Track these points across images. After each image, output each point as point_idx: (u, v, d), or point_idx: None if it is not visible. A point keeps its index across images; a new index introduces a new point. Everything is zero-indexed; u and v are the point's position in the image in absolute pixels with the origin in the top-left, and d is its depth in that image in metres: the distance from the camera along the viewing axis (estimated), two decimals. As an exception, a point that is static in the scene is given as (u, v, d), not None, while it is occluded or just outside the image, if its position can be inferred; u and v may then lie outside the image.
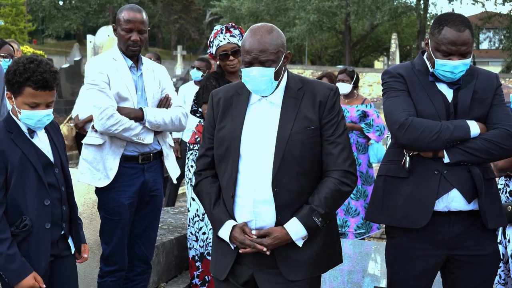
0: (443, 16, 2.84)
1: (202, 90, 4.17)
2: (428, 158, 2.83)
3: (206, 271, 4.35)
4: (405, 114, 2.80)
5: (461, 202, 2.83)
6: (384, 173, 2.97)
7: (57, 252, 2.87)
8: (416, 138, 2.77)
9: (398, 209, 2.88)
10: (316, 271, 2.69)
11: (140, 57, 3.80)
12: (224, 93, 2.78)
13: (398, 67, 2.99)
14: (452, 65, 2.79)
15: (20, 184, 2.73)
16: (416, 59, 3.00)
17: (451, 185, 2.82)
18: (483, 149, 2.78)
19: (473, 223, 2.87)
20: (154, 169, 3.79)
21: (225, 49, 4.17)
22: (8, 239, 2.69)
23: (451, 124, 2.79)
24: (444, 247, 2.87)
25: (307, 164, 2.63)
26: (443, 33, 2.78)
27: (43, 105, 2.75)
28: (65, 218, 2.88)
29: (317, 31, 34.62)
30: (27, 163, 2.74)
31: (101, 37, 17.20)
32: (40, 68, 2.71)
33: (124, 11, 3.69)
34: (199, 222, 4.33)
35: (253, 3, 35.58)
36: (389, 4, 34.81)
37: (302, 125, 2.62)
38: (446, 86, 2.88)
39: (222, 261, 2.73)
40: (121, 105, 3.64)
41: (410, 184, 2.86)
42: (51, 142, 2.88)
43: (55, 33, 42.77)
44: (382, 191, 2.95)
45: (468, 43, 2.78)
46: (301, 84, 2.71)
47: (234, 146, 2.66)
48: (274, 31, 2.63)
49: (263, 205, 2.62)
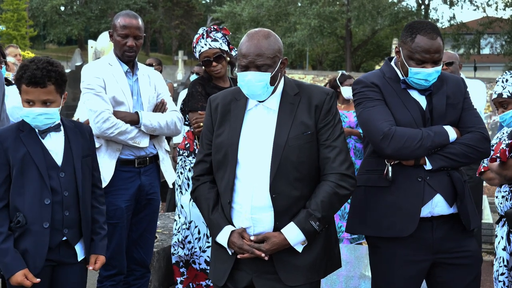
0: (414, 24, 2.86)
1: (188, 97, 4.14)
2: (409, 166, 2.84)
3: (191, 278, 4.30)
4: (387, 124, 2.80)
5: (444, 207, 2.86)
6: (363, 184, 2.94)
7: (58, 257, 2.83)
8: (400, 147, 2.77)
9: (382, 218, 2.87)
10: (315, 276, 2.68)
11: (136, 62, 3.83)
12: (222, 98, 2.78)
13: (370, 76, 2.97)
14: (426, 73, 2.81)
15: (19, 181, 2.74)
16: (384, 67, 2.99)
17: (434, 190, 2.84)
18: (462, 154, 2.82)
19: (453, 226, 2.89)
20: (150, 172, 3.81)
21: (207, 55, 4.14)
22: (3, 234, 2.71)
23: (431, 131, 2.81)
24: (429, 252, 2.87)
25: (304, 169, 2.62)
26: (416, 41, 2.80)
27: (38, 103, 2.75)
28: (68, 224, 2.82)
29: (318, 36, 34.63)
30: (30, 161, 2.75)
31: (102, 43, 17.18)
32: (34, 65, 2.73)
33: (120, 17, 3.72)
34: (185, 230, 4.26)
35: (254, 8, 35.62)
36: (390, 9, 34.87)
37: (299, 130, 2.62)
38: (418, 93, 2.90)
39: (221, 267, 2.72)
40: (116, 109, 3.66)
41: (393, 193, 2.85)
42: (66, 145, 2.86)
43: (56, 39, 42.84)
44: (364, 202, 2.94)
45: (440, 50, 2.81)
46: (298, 89, 2.71)
47: (232, 153, 2.65)
48: (271, 36, 2.63)
49: (261, 211, 2.61)
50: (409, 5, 39.14)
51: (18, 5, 30.43)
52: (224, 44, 4.18)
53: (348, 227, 3.05)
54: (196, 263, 4.26)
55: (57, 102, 2.80)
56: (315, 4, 34.18)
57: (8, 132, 2.80)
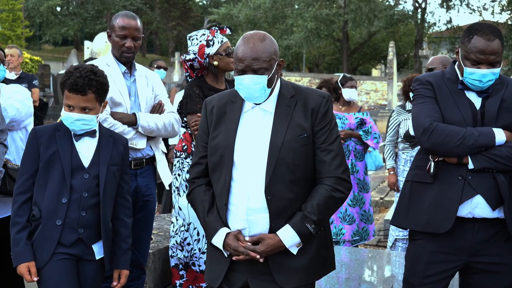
0: (473, 26, 2.89)
1: (186, 99, 4.13)
2: (453, 164, 2.86)
3: (191, 280, 4.27)
4: (430, 119, 2.84)
5: (485, 209, 2.85)
6: (411, 179, 3.02)
7: (78, 253, 2.95)
8: (439, 142, 2.81)
9: (423, 214, 2.92)
10: (310, 278, 2.69)
11: (134, 63, 3.82)
12: (217, 101, 2.78)
13: (427, 75, 3.04)
14: (480, 74, 2.82)
15: (44, 177, 2.91)
16: (448, 68, 3.03)
17: (475, 191, 2.84)
18: (509, 157, 2.81)
19: (498, 232, 2.88)
20: (146, 174, 3.80)
21: (229, 45, 4.17)
22: (20, 224, 2.89)
23: (476, 130, 2.81)
24: (465, 253, 2.89)
25: (300, 172, 2.62)
26: (473, 42, 2.82)
27: (77, 109, 2.89)
28: (84, 224, 2.93)
29: (315, 38, 34.65)
30: (57, 159, 2.91)
31: (98, 43, 17.26)
32: (77, 73, 2.88)
33: (119, 17, 3.71)
34: (184, 232, 4.26)
35: (251, 10, 35.63)
36: (385, 11, 34.92)
37: (295, 133, 2.62)
38: (476, 95, 2.91)
39: (216, 269, 2.72)
40: (114, 110, 3.66)
41: (434, 189, 2.89)
42: (96, 150, 2.99)
43: (52, 39, 42.73)
44: (409, 196, 2.99)
45: (497, 53, 2.81)
46: (294, 91, 2.71)
47: (228, 155, 2.65)
48: (266, 39, 2.62)
49: (256, 213, 2.62)
50: (405, 8, 39.10)
51: (14, 5, 30.33)
52: None
53: (393, 219, 3.11)
54: (195, 265, 4.24)
55: (95, 110, 2.94)
56: (312, 6, 34.21)
57: (46, 129, 2.98)
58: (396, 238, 6.04)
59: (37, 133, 2.96)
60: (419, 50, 32.61)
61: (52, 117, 13.95)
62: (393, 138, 6.12)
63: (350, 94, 6.57)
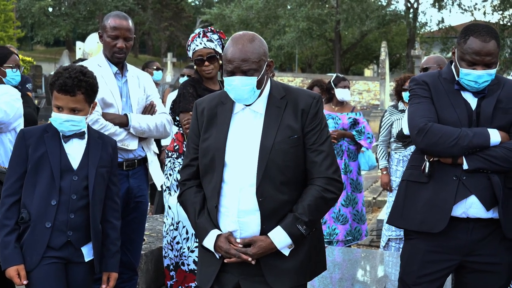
0: (469, 26, 2.89)
1: (179, 98, 4.12)
2: (447, 164, 2.86)
3: (180, 281, 4.26)
4: (425, 120, 2.85)
5: (480, 209, 2.85)
6: (406, 178, 3.04)
7: (67, 255, 2.92)
8: (434, 143, 2.81)
9: (417, 213, 2.93)
10: (301, 279, 2.69)
11: (125, 64, 3.80)
12: (208, 102, 2.77)
13: (424, 75, 3.04)
14: (476, 75, 2.82)
15: (32, 179, 2.88)
16: (444, 68, 3.04)
17: (469, 191, 2.84)
18: (503, 157, 2.80)
19: (492, 232, 2.89)
20: (138, 175, 3.79)
21: (201, 54, 4.12)
22: (9, 226, 2.85)
23: (471, 131, 2.82)
24: (459, 253, 2.90)
25: (290, 173, 2.61)
26: (468, 43, 2.82)
27: (66, 109, 2.86)
28: (73, 227, 2.91)
29: (307, 38, 34.69)
30: (45, 161, 2.88)
31: (90, 44, 17.20)
32: (67, 73, 2.85)
33: (111, 18, 3.69)
34: (173, 231, 4.25)
35: (243, 10, 35.63)
36: (377, 11, 34.99)
37: (285, 134, 2.61)
38: (471, 95, 2.91)
39: (207, 271, 2.71)
40: (106, 111, 3.64)
41: (429, 189, 2.90)
42: (85, 152, 2.97)
43: (44, 40, 42.64)
44: (404, 196, 3.01)
45: (493, 54, 2.81)
46: (284, 92, 2.69)
47: (219, 156, 2.64)
48: (256, 40, 2.61)
49: (248, 214, 2.60)
50: (397, 8, 39.24)
51: (5, 5, 30.22)
52: (218, 46, 4.17)
53: (388, 219, 3.12)
54: (185, 265, 4.23)
55: (84, 111, 2.92)
56: (304, 6, 34.24)
57: (34, 131, 2.96)
58: (389, 237, 6.05)
59: (25, 134, 2.93)
60: (411, 50, 32.65)
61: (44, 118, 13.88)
62: (385, 138, 6.13)
63: (343, 94, 6.58)
